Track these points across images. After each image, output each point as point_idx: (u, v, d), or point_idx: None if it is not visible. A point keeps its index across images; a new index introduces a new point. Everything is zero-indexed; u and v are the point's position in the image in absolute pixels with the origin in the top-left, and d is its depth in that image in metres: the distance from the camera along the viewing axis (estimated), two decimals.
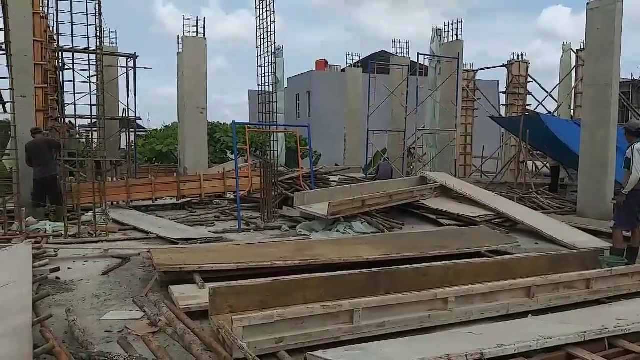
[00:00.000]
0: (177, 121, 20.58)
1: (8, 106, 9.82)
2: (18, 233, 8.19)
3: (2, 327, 3.90)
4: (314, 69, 34.64)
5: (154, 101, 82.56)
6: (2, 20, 9.43)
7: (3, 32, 9.36)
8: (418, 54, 15.02)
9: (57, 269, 6.13)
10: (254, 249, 7.00)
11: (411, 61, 18.66)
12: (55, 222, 8.97)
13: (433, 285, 5.42)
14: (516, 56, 19.44)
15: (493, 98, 22.45)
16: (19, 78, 9.04)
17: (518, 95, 19.15)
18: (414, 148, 17.81)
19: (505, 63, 19.36)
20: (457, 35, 15.46)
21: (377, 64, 18.65)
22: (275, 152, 10.77)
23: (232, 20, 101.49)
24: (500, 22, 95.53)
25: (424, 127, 15.64)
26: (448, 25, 15.71)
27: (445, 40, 15.64)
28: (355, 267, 6.31)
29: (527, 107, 18.95)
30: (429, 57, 15.64)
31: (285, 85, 22.23)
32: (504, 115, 19.57)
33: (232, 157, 23.18)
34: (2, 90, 9.43)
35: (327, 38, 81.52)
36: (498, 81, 28.58)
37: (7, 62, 9.51)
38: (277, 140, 11.10)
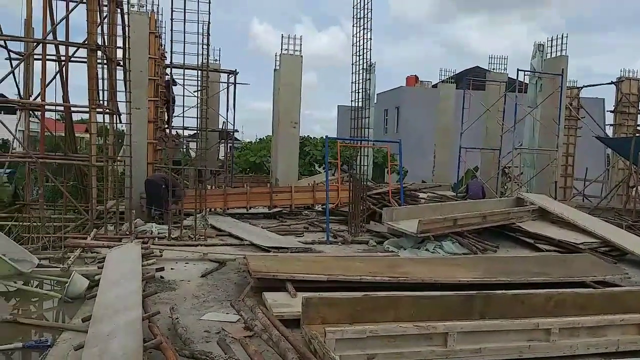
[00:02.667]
0: (270, 134, 21.37)
1: (123, 117, 10.76)
2: (127, 233, 8.92)
3: (116, 320, 4.26)
4: (404, 85, 34.41)
5: (247, 115, 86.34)
6: (122, 39, 10.41)
7: (122, 50, 10.33)
8: (518, 69, 14.39)
9: (162, 269, 6.61)
10: (343, 262, 7.05)
11: (509, 77, 17.95)
12: (160, 225, 9.66)
13: (531, 314, 5.13)
14: (626, 73, 17.97)
15: (598, 117, 20.89)
16: (134, 92, 9.89)
17: (628, 114, 17.63)
18: (509, 167, 17.00)
19: (614, 80, 17.95)
20: (560, 50, 14.64)
21: (472, 79, 18.12)
22: (365, 167, 10.80)
23: (322, 37, 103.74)
24: (605, 36, 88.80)
25: (521, 145, 14.90)
26: (550, 40, 14.94)
27: (548, 56, 14.87)
28: (446, 288, 6.15)
29: (639, 128, 17.41)
30: (529, 73, 14.94)
31: (375, 101, 22.29)
32: (611, 135, 18.13)
33: (320, 170, 23.68)
34: (118, 102, 10.34)
35: (418, 54, 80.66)
36: (604, 99, 26.67)
37: (124, 77, 10.45)
38: (367, 155, 11.14)
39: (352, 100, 10.13)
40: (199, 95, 10.96)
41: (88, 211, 9.49)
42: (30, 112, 10.48)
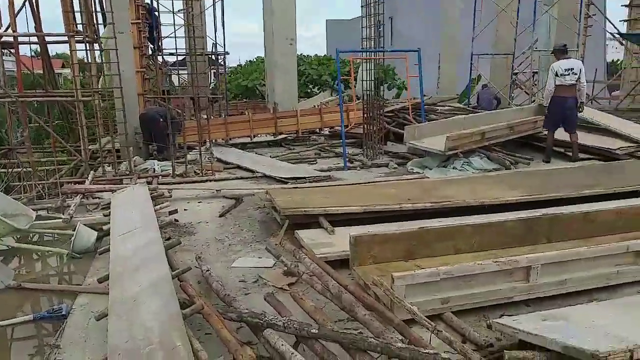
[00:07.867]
0: (260, 55, 19.98)
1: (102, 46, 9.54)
2: (128, 173, 8.15)
3: (139, 278, 3.60)
4: None
5: (230, 38, 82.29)
6: None
7: None
8: None
9: (175, 211, 5.91)
10: (373, 189, 6.42)
11: None
12: (161, 161, 8.87)
13: (601, 233, 4.60)
14: None
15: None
16: (115, 14, 8.67)
17: None
18: (516, 74, 16.00)
19: None
20: None
21: None
22: (371, 82, 9.74)
23: None
24: None
25: (536, 47, 13.84)
26: None
27: None
28: (493, 210, 5.57)
29: None
30: None
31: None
32: (624, 32, 17.02)
33: (317, 91, 22.49)
34: (97, 27, 9.15)
35: None
36: None
37: None
38: (374, 69, 10.05)
39: (362, 7, 9.02)
40: (184, 12, 9.68)
41: (80, 151, 8.66)
42: (3, 49, 9.34)
